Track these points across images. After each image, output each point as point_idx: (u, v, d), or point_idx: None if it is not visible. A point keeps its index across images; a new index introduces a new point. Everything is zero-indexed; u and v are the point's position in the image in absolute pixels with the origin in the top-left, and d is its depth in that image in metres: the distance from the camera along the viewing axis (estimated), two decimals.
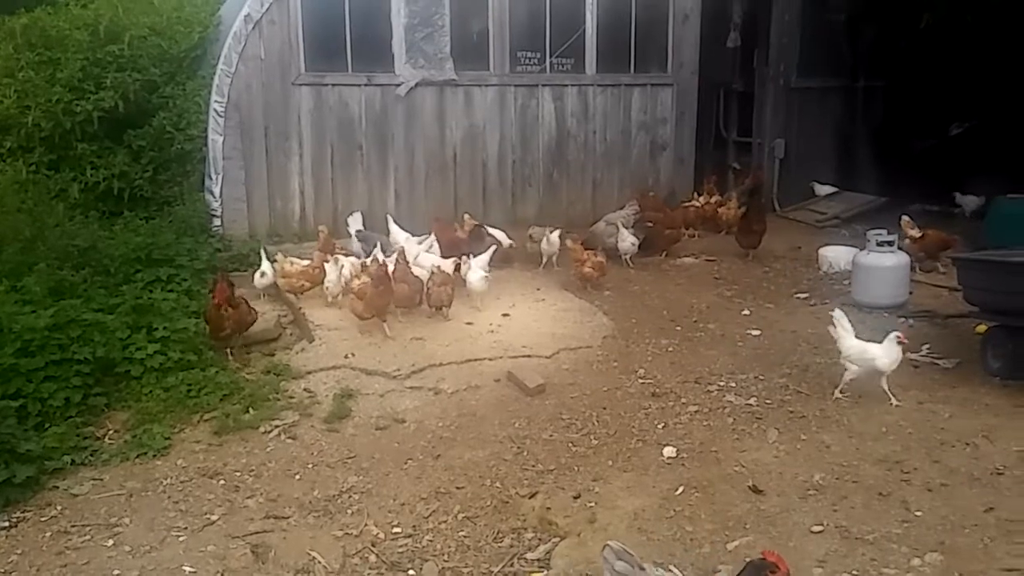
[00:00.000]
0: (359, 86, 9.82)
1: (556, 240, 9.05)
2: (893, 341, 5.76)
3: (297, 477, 5.08)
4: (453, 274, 7.58)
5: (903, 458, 5.04)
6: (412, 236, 8.65)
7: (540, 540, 4.38)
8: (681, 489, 4.76)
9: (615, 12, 10.84)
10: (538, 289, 8.47)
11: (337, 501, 4.79)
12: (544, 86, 10.75)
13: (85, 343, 5.76)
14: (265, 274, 7.77)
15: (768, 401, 5.97)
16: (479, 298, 7.73)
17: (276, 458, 5.29)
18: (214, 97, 9.11)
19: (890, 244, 7.98)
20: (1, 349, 5.52)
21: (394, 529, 4.51)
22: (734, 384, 6.28)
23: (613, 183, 11.37)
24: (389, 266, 7.30)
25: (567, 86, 10.89)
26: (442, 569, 4.17)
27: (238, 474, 5.11)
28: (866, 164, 12.45)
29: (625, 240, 9.31)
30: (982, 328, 6.59)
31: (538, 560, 4.22)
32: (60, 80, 9.31)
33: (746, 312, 8.01)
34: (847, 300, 7.88)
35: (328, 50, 9.58)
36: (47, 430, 5.29)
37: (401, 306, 7.29)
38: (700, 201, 11.24)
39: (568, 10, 10.62)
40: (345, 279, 7.58)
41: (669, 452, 5.22)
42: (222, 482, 5.02)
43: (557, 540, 4.36)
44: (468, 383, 6.31)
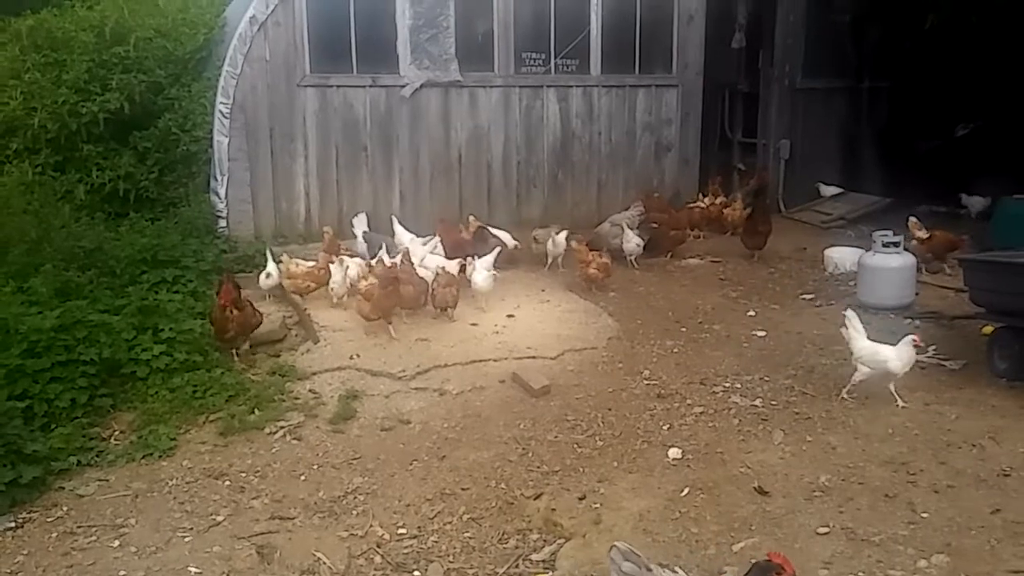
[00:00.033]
0: (364, 87, 9.82)
1: (562, 241, 9.06)
2: (908, 344, 5.71)
3: (302, 478, 5.09)
4: (458, 275, 7.59)
5: (909, 459, 5.03)
6: (416, 237, 8.68)
7: (545, 541, 4.38)
8: (686, 490, 4.75)
9: (620, 13, 10.83)
10: (543, 290, 8.47)
11: (342, 502, 4.80)
12: (549, 87, 10.75)
13: (91, 344, 5.77)
14: (270, 275, 7.80)
15: (774, 402, 5.96)
16: (484, 298, 7.74)
17: (281, 459, 5.30)
18: (219, 99, 9.13)
19: (896, 245, 7.96)
20: (7, 350, 5.54)
21: (399, 530, 4.51)
22: (739, 385, 6.27)
23: (618, 184, 11.36)
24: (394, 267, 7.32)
25: (572, 87, 10.88)
26: (447, 570, 4.17)
27: (244, 475, 5.12)
28: (871, 165, 12.42)
29: (630, 241, 9.31)
30: (988, 329, 6.57)
31: (543, 561, 4.22)
32: (66, 82, 9.31)
33: (751, 313, 8.00)
34: (853, 301, 7.85)
35: (333, 52, 9.59)
36: (53, 431, 5.31)
37: (406, 307, 7.29)
38: (705, 202, 11.21)
39: (573, 11, 10.61)
40: (351, 280, 7.59)
41: (674, 453, 5.21)
42: (228, 483, 5.03)
43: (562, 541, 4.35)
44: (473, 384, 6.31)
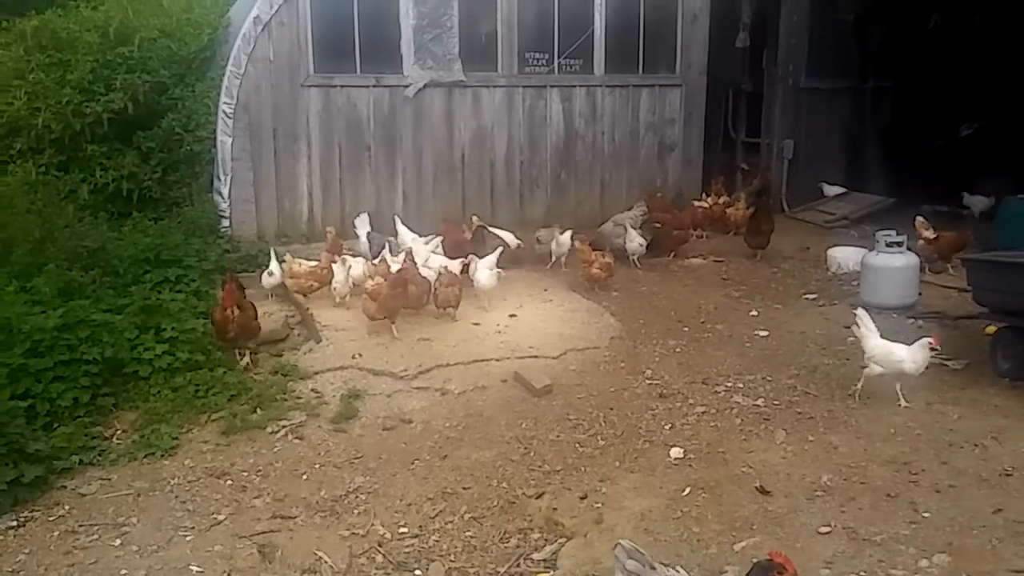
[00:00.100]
0: (367, 87, 9.83)
1: (566, 241, 9.05)
2: (924, 346, 5.65)
3: (304, 477, 5.09)
4: (460, 275, 7.59)
5: (911, 459, 5.02)
6: (419, 237, 8.68)
7: (547, 541, 4.39)
8: (688, 490, 4.75)
9: (624, 13, 10.83)
10: (545, 290, 8.47)
11: (344, 501, 4.80)
12: (552, 87, 10.75)
13: (94, 343, 5.78)
14: (272, 273, 7.81)
15: (776, 402, 5.95)
16: (487, 298, 7.73)
17: (283, 458, 5.31)
18: (223, 99, 9.14)
19: (899, 245, 7.95)
20: (10, 349, 5.55)
21: (401, 529, 4.51)
22: (742, 385, 6.26)
23: (621, 184, 11.35)
24: (396, 266, 7.31)
25: (575, 87, 10.88)
26: (448, 569, 4.17)
27: (245, 474, 5.12)
28: (875, 165, 12.41)
29: (633, 241, 9.31)
30: (991, 329, 6.56)
31: (544, 561, 4.22)
32: (70, 82, 9.33)
33: (754, 313, 7.99)
34: (855, 301, 7.83)
35: (337, 52, 9.59)
36: (55, 430, 5.32)
37: (409, 307, 7.29)
38: (708, 202, 11.21)
39: (576, 11, 10.61)
40: (354, 279, 7.60)
41: (676, 453, 5.21)
42: (229, 482, 5.04)
43: (563, 541, 4.35)
44: (475, 384, 6.31)
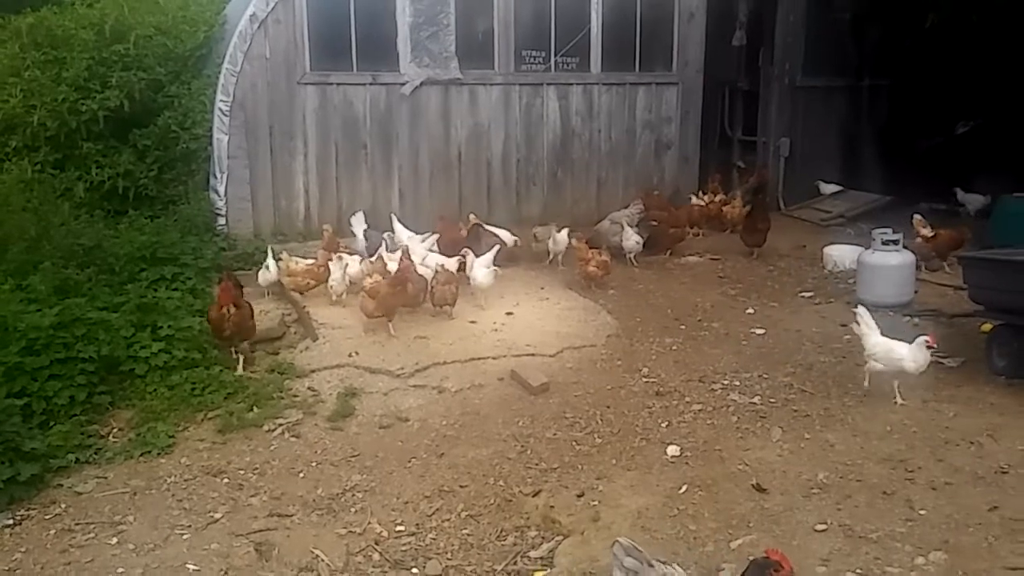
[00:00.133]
0: (364, 85, 9.82)
1: (563, 239, 9.06)
2: (922, 344, 5.65)
3: (301, 475, 5.09)
4: (457, 272, 7.58)
5: (907, 457, 5.03)
6: (415, 234, 8.68)
7: (543, 538, 4.39)
8: (685, 488, 4.75)
9: (620, 11, 10.83)
10: (542, 288, 8.47)
11: (341, 499, 4.80)
12: (549, 85, 10.75)
13: (90, 342, 5.77)
14: (268, 268, 7.79)
15: (772, 400, 5.96)
16: (484, 295, 7.73)
17: (280, 456, 5.30)
18: (219, 96, 9.13)
19: (895, 243, 7.96)
20: (6, 348, 5.54)
21: (398, 527, 4.51)
22: (738, 383, 6.27)
23: (618, 182, 11.35)
24: (392, 264, 7.30)
25: (572, 85, 10.88)
26: (445, 567, 4.17)
27: (242, 472, 5.12)
28: (871, 163, 12.41)
29: (629, 239, 9.31)
30: (987, 327, 6.58)
31: (541, 558, 4.23)
32: (66, 79, 9.31)
33: (750, 311, 8.00)
34: (852, 299, 7.85)
35: (333, 49, 9.59)
36: (52, 428, 5.31)
37: (406, 305, 7.29)
38: (705, 200, 11.21)
39: (573, 9, 10.61)
40: (351, 278, 7.59)
41: (673, 451, 5.21)
42: (226, 480, 5.03)
43: (560, 538, 4.36)
44: (472, 382, 6.31)
